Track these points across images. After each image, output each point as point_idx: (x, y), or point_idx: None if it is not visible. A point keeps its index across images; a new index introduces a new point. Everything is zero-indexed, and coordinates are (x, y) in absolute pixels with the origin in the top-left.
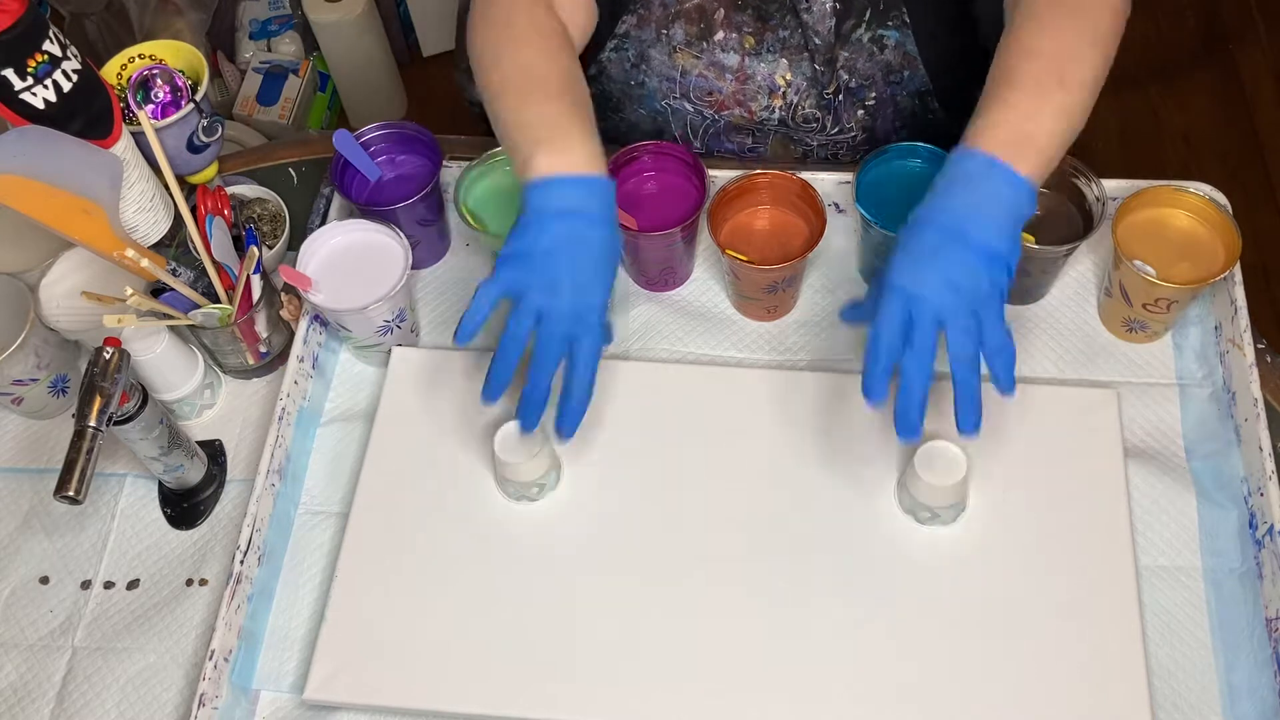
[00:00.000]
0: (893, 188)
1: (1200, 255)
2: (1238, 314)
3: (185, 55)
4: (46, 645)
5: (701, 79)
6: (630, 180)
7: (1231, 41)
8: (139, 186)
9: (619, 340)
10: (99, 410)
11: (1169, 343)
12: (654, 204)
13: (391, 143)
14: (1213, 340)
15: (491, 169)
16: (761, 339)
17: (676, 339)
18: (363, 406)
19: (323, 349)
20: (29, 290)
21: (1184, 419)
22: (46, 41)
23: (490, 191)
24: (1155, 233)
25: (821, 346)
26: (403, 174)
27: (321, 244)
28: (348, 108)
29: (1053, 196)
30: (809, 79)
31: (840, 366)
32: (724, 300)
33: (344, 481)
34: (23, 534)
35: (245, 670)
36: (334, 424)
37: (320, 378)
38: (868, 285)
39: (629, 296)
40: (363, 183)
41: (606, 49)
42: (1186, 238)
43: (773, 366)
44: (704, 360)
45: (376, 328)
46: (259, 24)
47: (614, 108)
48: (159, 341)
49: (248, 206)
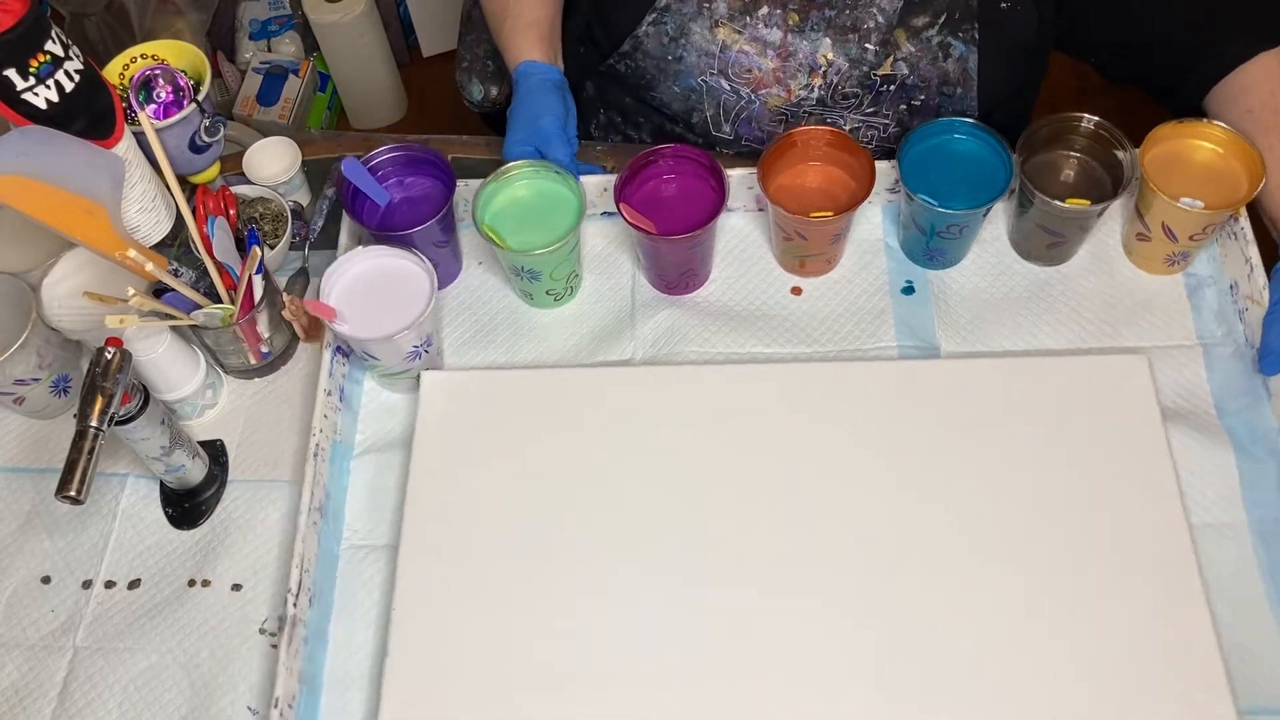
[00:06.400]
0: (936, 164)
1: (1224, 180)
2: (1254, 271)
3: (187, 55)
4: (48, 645)
5: (742, 54)
6: (649, 183)
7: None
8: (141, 187)
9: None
10: (100, 410)
11: (1186, 305)
12: (673, 206)
13: (400, 165)
14: (1229, 299)
15: (505, 184)
16: (786, 332)
17: (704, 340)
18: (395, 434)
19: (347, 379)
20: (31, 290)
21: (1210, 378)
22: (49, 41)
23: (506, 205)
24: (1178, 167)
25: (848, 335)
26: (412, 195)
27: (343, 272)
28: (348, 108)
29: (1080, 159)
30: (853, 60)
31: (868, 354)
32: (746, 297)
33: (386, 513)
34: (24, 534)
35: (308, 715)
36: (367, 455)
37: (348, 409)
38: (909, 260)
39: (649, 303)
40: (373, 207)
41: (644, 23)
42: (1207, 167)
43: (801, 359)
44: (733, 358)
45: (405, 354)
46: (259, 24)
47: (646, 85)
48: (161, 342)
49: (249, 206)
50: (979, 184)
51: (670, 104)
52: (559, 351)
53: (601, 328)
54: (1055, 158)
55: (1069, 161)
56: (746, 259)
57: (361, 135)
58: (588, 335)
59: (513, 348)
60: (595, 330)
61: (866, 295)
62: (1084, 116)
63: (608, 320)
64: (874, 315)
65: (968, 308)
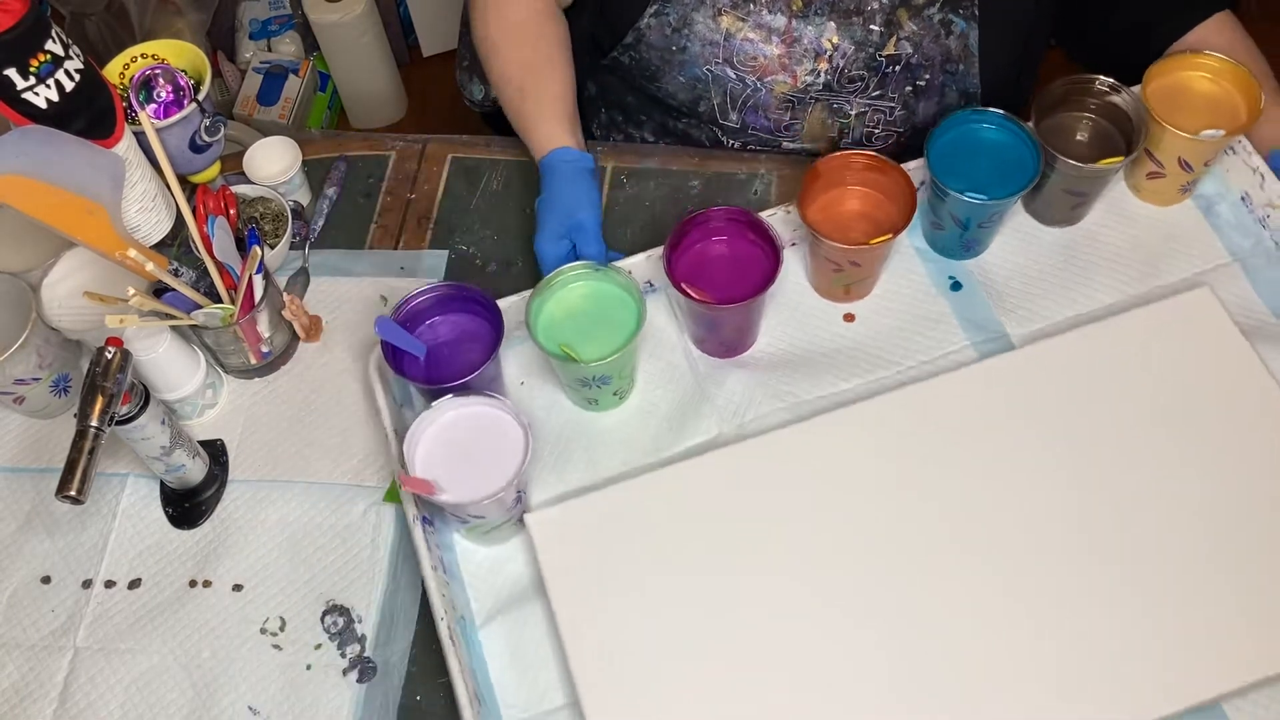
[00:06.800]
0: (960, 157)
1: (1223, 107)
2: (1265, 179)
3: (188, 55)
4: (48, 645)
5: (746, 42)
6: (692, 249)
7: None
8: (141, 186)
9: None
10: (101, 410)
11: (1206, 226)
12: (720, 268)
13: (434, 305)
14: (1244, 209)
15: (552, 292)
16: (856, 362)
17: (781, 393)
18: (513, 590)
19: (441, 548)
20: (31, 290)
21: (1258, 289)
22: (49, 41)
23: (559, 315)
24: (1181, 99)
25: (918, 347)
26: (448, 339)
27: (421, 435)
28: (348, 108)
29: (1091, 119)
30: (858, 42)
31: (945, 361)
32: (803, 337)
33: (539, 674)
34: (24, 534)
35: None
36: (494, 623)
37: (454, 580)
38: (944, 257)
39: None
40: (414, 360)
41: (646, 15)
42: (1206, 96)
43: (885, 385)
44: (819, 405)
45: (509, 506)
46: (259, 24)
47: (650, 77)
48: (161, 341)
49: (250, 206)
50: (1005, 168)
51: (676, 94)
52: (643, 449)
53: (674, 412)
54: (1065, 120)
55: (1080, 122)
56: (786, 298)
57: (361, 135)
58: (664, 423)
59: (594, 461)
60: (669, 416)
61: (918, 302)
62: (1084, 76)
63: (678, 402)
64: (934, 321)
65: (1014, 287)
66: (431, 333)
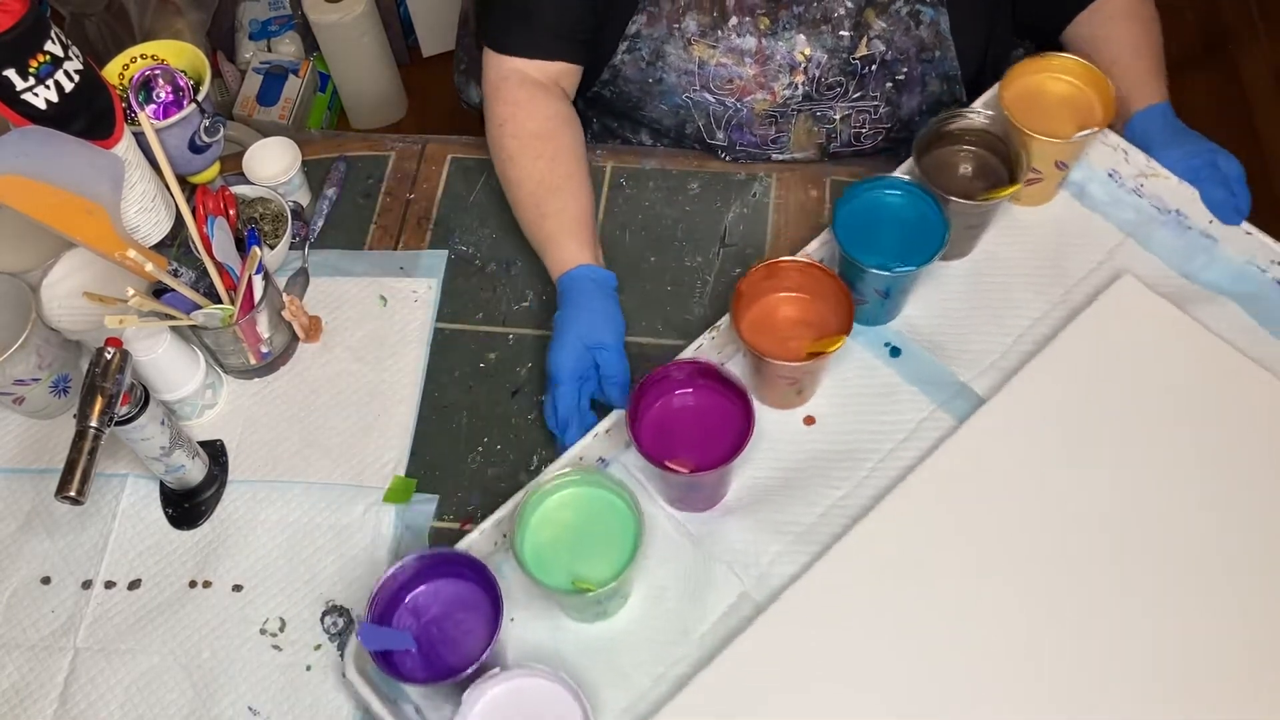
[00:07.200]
0: (864, 228)
1: (1079, 105)
2: (1129, 154)
3: (187, 55)
4: (48, 646)
5: (720, 68)
6: (655, 407)
7: (1231, 42)
8: (140, 187)
9: None
10: (100, 411)
11: (1087, 212)
12: (691, 426)
13: (409, 579)
14: (1115, 185)
15: (528, 515)
16: (836, 464)
17: (782, 526)
18: None
19: None
20: (30, 290)
21: (1158, 255)
22: (49, 42)
23: (547, 535)
24: (1039, 102)
25: (890, 425)
26: (432, 614)
27: (470, 706)
28: (348, 108)
29: (968, 149)
30: (830, 50)
31: (924, 429)
32: (775, 459)
33: None
34: (24, 534)
35: None
36: None
37: None
38: (870, 327)
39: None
40: (406, 657)
41: (619, 53)
42: (1062, 98)
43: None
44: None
45: None
46: (259, 24)
47: (633, 106)
48: (160, 342)
49: (249, 206)
50: (907, 227)
51: (661, 120)
52: (672, 638)
53: (687, 588)
54: (944, 155)
55: (958, 155)
56: None
57: (361, 135)
58: (682, 603)
59: (624, 673)
60: (684, 593)
61: (867, 382)
62: (952, 111)
63: (686, 575)
64: (890, 395)
65: (947, 332)
66: (412, 615)
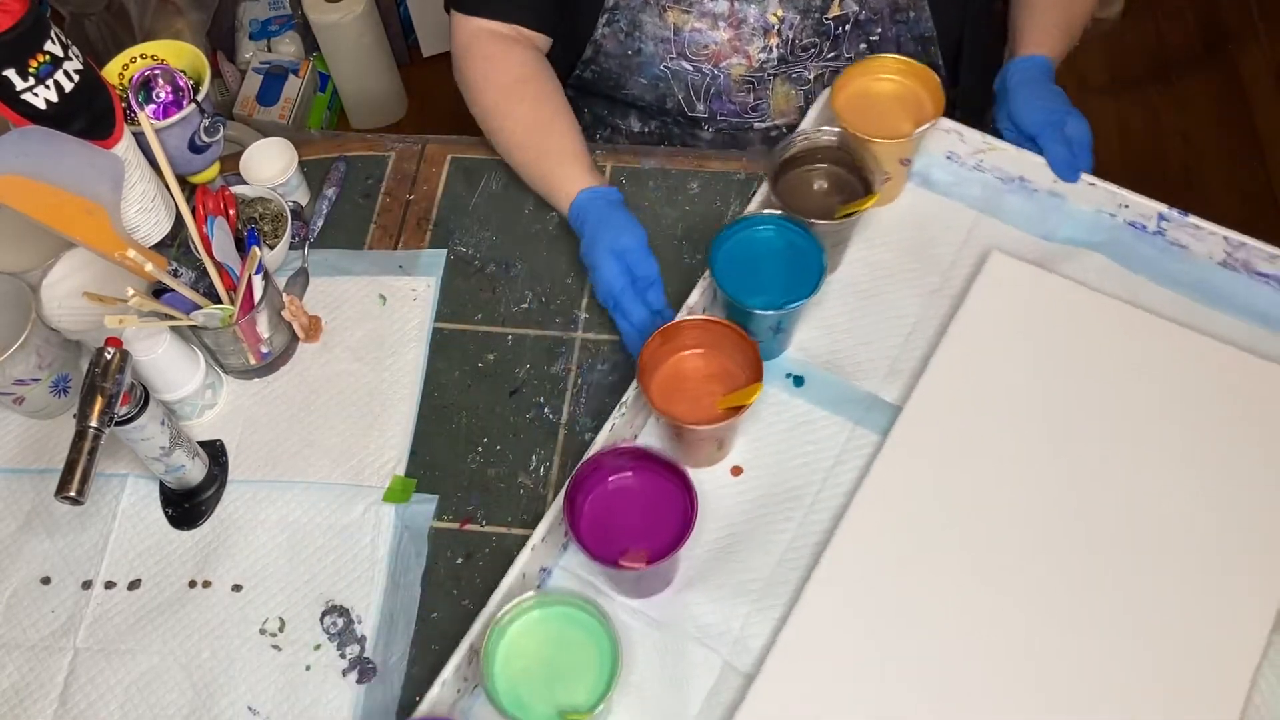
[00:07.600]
0: (737, 264)
1: (908, 103)
2: (963, 134)
3: (187, 55)
4: (48, 646)
5: (695, 33)
6: (590, 499)
7: (1231, 42)
8: (140, 187)
9: None
10: (100, 411)
11: (931, 197)
12: (629, 512)
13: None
14: (955, 165)
15: (494, 652)
16: (776, 509)
17: (742, 575)
18: None
19: None
20: (30, 290)
21: (1014, 224)
22: (48, 42)
23: (515, 669)
24: (870, 104)
25: (823, 454)
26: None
27: None
28: (348, 108)
29: (820, 167)
30: (802, 10)
31: (860, 451)
32: (713, 519)
33: None
34: (24, 534)
35: None
36: None
37: None
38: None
39: None
40: None
41: (599, 27)
42: (892, 96)
43: (815, 526)
44: (774, 572)
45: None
46: (259, 24)
47: (615, 85)
48: (160, 342)
49: (249, 206)
50: (779, 256)
51: (642, 97)
52: None
53: (665, 675)
54: (798, 176)
55: (812, 173)
56: None
57: (360, 135)
58: (663, 691)
59: None
60: (664, 679)
61: (781, 417)
62: (800, 132)
63: (661, 664)
64: (809, 426)
65: (842, 350)
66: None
